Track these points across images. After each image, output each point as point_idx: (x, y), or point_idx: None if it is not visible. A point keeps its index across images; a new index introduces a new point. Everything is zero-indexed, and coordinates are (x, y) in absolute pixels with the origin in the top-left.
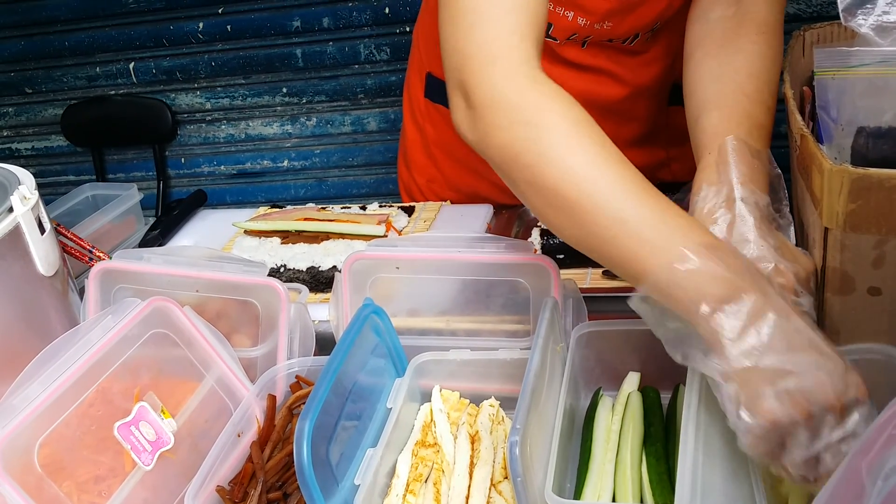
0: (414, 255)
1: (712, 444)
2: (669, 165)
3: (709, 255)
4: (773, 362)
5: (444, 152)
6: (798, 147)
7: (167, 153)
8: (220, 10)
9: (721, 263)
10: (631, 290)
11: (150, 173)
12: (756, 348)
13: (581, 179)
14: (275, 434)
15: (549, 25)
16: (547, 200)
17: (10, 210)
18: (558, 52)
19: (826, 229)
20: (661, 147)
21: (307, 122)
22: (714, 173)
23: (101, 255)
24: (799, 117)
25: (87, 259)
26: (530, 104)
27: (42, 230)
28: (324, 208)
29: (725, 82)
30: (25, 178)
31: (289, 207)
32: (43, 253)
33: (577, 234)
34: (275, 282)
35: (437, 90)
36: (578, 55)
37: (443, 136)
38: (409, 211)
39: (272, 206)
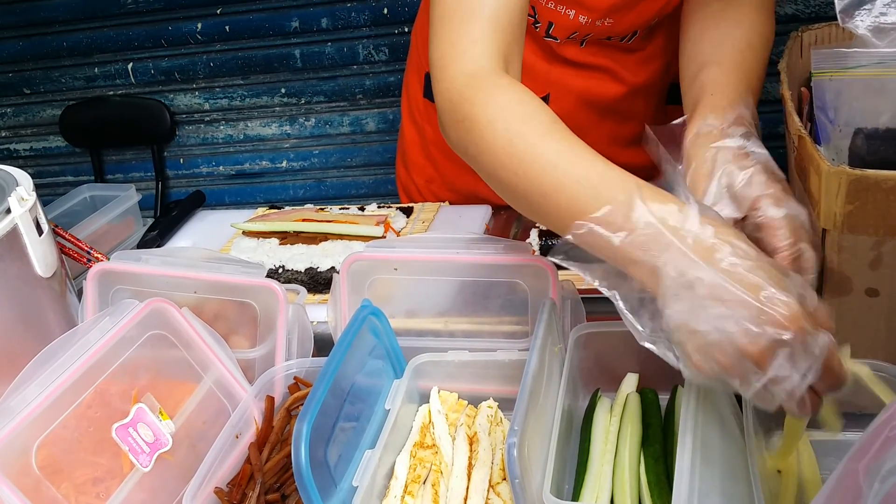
0: (412, 257)
1: (710, 445)
2: None
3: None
4: (683, 320)
5: (442, 152)
6: (796, 148)
7: (165, 154)
8: (218, 11)
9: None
10: None
11: (149, 174)
12: (668, 311)
13: (522, 146)
14: (273, 435)
15: (550, 24)
16: (494, 177)
17: (8, 211)
18: (558, 52)
19: (824, 230)
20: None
21: (306, 123)
22: (720, 109)
23: (99, 256)
24: (797, 118)
25: (85, 260)
26: (466, 100)
27: (40, 231)
28: (322, 209)
29: (725, 47)
30: (23, 178)
31: (287, 208)
32: (41, 254)
33: (520, 189)
34: (273, 283)
35: None
36: (577, 54)
37: (441, 135)
38: (408, 212)
39: (271, 207)
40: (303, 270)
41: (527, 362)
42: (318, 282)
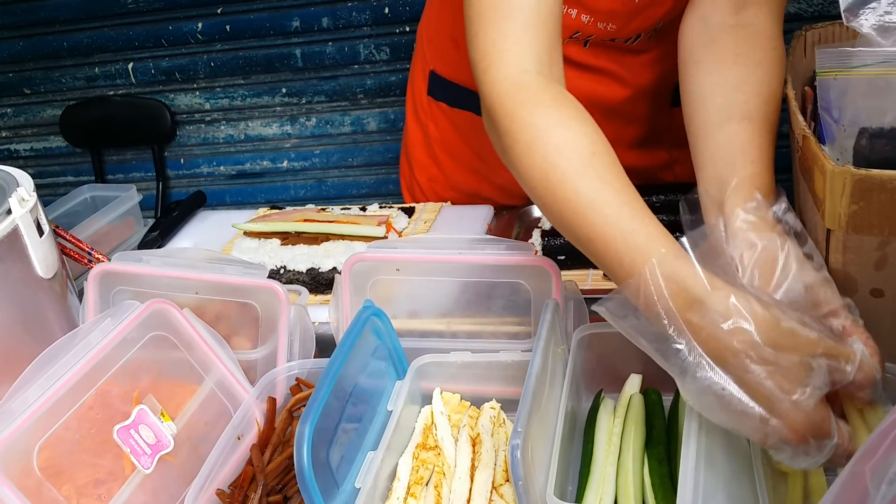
0: (414, 257)
1: (714, 446)
2: (672, 167)
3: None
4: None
5: (445, 151)
6: (800, 148)
7: (166, 154)
8: (219, 11)
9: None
10: None
11: (150, 174)
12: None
13: (557, 181)
14: (275, 437)
15: None
16: (550, 209)
17: (9, 212)
18: (566, 54)
19: (828, 231)
20: (664, 149)
21: (307, 123)
22: (766, 187)
23: (100, 256)
24: (801, 118)
25: (86, 261)
26: (507, 115)
27: (41, 232)
28: (323, 209)
29: (750, 94)
30: (24, 179)
31: (288, 208)
32: (41, 255)
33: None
34: (274, 284)
35: (440, 88)
36: (581, 55)
37: (445, 134)
38: (409, 212)
39: (272, 207)
40: (304, 271)
41: (530, 363)
42: (319, 282)
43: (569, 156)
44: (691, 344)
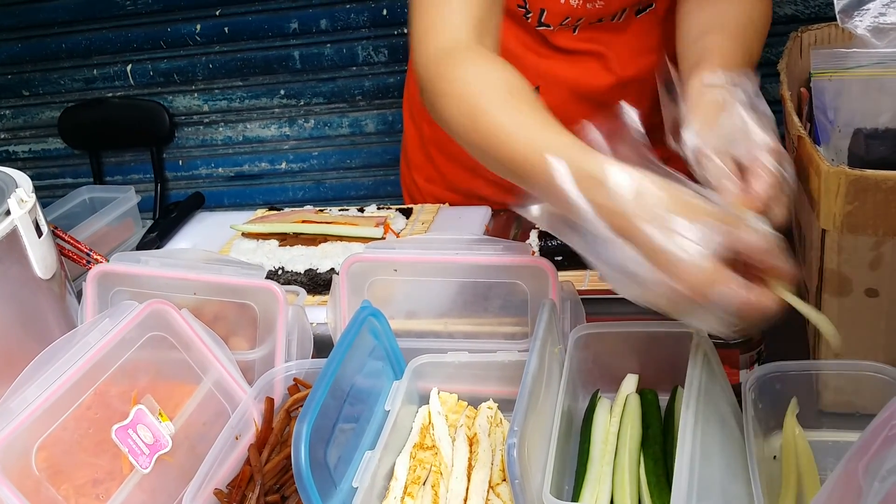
0: (412, 258)
1: (710, 445)
2: (665, 164)
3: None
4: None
5: (441, 152)
6: (795, 149)
7: (165, 155)
8: (217, 13)
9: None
10: None
11: (148, 176)
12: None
13: (482, 118)
14: (273, 437)
15: (542, 12)
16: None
17: (8, 213)
18: (550, 41)
19: (823, 231)
20: (654, 145)
21: (305, 124)
22: (728, 67)
23: (98, 257)
24: (796, 119)
25: (84, 262)
26: (439, 77)
27: (39, 233)
28: (321, 210)
29: (728, 18)
30: (22, 180)
31: (286, 210)
32: (40, 256)
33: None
34: (272, 284)
35: None
36: (569, 41)
37: (439, 133)
38: (407, 213)
39: (270, 209)
40: (302, 272)
41: (527, 363)
42: (317, 283)
43: (490, 97)
44: (597, 222)
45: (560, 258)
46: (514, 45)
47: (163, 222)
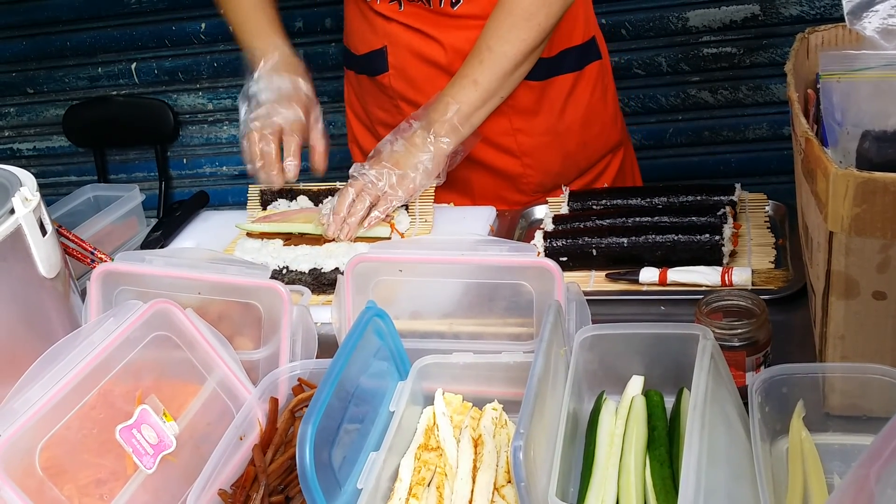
0: (417, 258)
1: (716, 447)
2: (515, 136)
3: None
4: None
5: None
6: (803, 150)
7: (169, 154)
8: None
9: None
10: (634, 293)
11: (152, 174)
12: None
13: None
14: (277, 437)
15: None
16: None
17: (12, 212)
18: (381, 11)
19: (831, 233)
20: (503, 116)
21: None
22: None
23: (102, 256)
24: (804, 120)
25: (88, 261)
26: None
27: (44, 232)
28: None
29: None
30: (27, 179)
31: (291, 208)
32: (44, 255)
33: None
34: (277, 284)
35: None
36: (397, 14)
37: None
38: (412, 213)
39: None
40: (307, 271)
41: (532, 365)
42: (322, 283)
43: None
44: None
45: (565, 259)
46: (364, 7)
47: (167, 221)
